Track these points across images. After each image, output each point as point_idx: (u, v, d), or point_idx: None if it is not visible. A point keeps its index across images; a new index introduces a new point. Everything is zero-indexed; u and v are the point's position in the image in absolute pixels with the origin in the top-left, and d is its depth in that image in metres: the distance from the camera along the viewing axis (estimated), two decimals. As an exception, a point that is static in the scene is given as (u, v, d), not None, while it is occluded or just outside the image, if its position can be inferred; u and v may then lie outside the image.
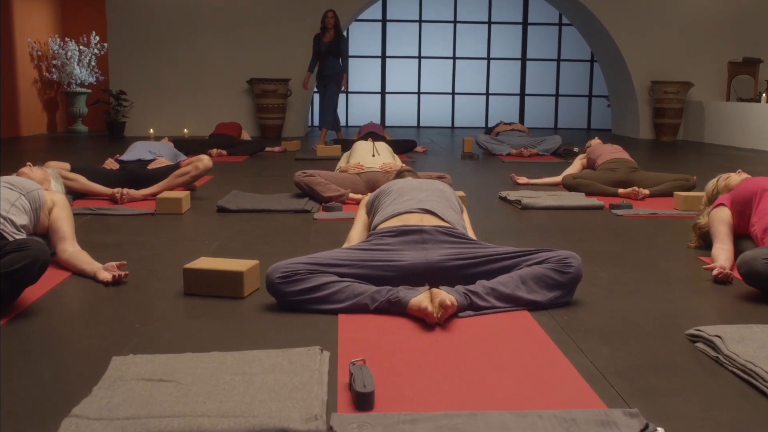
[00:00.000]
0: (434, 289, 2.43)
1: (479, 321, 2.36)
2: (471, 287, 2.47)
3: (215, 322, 2.37)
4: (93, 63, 11.23)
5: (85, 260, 2.93)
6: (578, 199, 4.80)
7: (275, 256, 3.24)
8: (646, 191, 5.03)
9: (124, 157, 5.08)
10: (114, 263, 2.84)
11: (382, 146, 5.28)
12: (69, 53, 10.90)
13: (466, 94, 13.89)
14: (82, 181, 4.68)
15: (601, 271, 3.05)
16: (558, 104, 13.92)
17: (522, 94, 13.92)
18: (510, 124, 8.91)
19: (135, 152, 5.13)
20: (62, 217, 3.04)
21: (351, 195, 4.68)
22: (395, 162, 5.07)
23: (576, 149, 8.16)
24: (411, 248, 2.62)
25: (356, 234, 3.04)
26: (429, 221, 2.74)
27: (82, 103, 11.26)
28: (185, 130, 10.58)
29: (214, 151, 7.65)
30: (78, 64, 11.04)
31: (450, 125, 13.85)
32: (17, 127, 10.26)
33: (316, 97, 13.20)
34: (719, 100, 10.84)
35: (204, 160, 4.77)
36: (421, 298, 2.37)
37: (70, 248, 2.99)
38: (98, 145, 9.55)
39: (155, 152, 5.17)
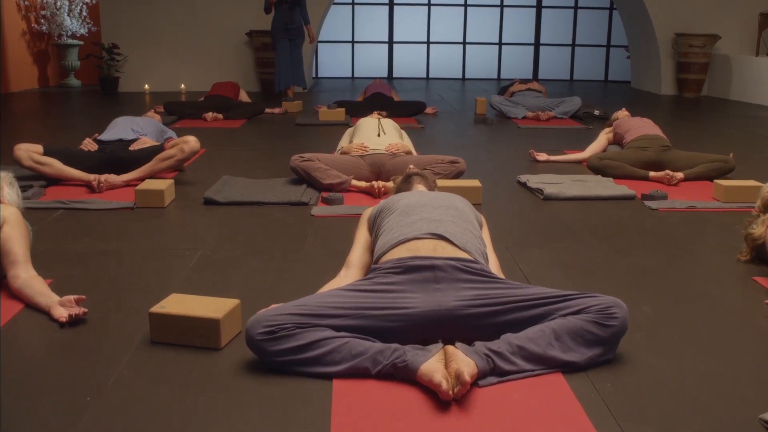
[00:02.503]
0: (449, 349, 2.00)
1: (504, 394, 1.93)
2: (494, 346, 2.03)
3: (182, 393, 1.95)
4: (84, 13, 10.62)
5: (39, 291, 2.50)
6: (606, 186, 4.32)
7: (263, 276, 2.83)
8: (680, 175, 4.55)
9: (103, 137, 4.60)
10: (72, 298, 2.41)
11: (388, 124, 4.79)
12: (58, 3, 10.27)
13: (477, 44, 13.22)
14: (56, 166, 4.23)
15: (644, 301, 2.60)
16: (574, 54, 13.25)
17: (537, 44, 13.25)
18: (526, 82, 8.33)
19: (116, 131, 4.64)
20: (13, 236, 2.60)
21: (353, 182, 4.22)
22: (402, 142, 4.58)
23: (597, 112, 7.64)
24: (421, 289, 2.18)
25: (356, 257, 2.59)
26: (443, 251, 2.29)
27: (74, 56, 10.69)
28: (182, 85, 10.09)
29: (210, 114, 7.15)
30: (68, 15, 10.43)
31: (461, 76, 13.22)
32: (6, 82, 9.73)
33: (323, 50, 12.63)
34: (748, 54, 10.19)
35: (190, 143, 4.30)
36: (434, 366, 1.93)
37: (23, 274, 2.56)
38: (91, 102, 9.06)
39: (138, 130, 4.69)
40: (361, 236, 2.67)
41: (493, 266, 2.50)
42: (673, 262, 3.09)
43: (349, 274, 2.53)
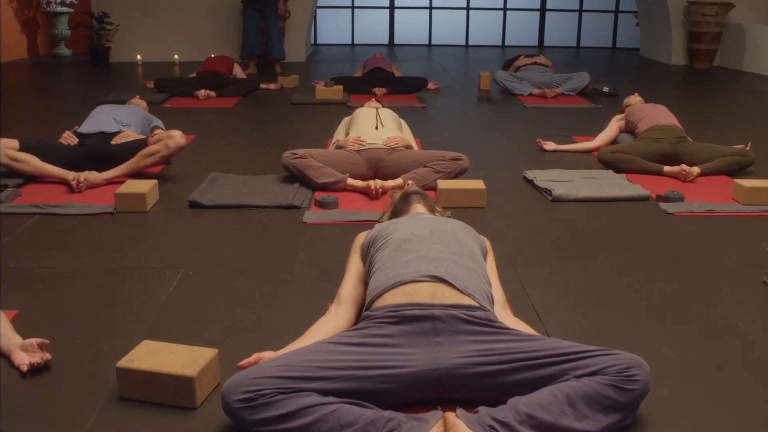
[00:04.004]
0: (449, 419, 1.78)
1: (512, 476, 1.71)
2: (500, 415, 1.80)
3: (149, 473, 1.74)
4: (73, -21, 10.24)
5: (1, 330, 2.27)
6: (619, 185, 4.05)
7: (248, 305, 2.60)
8: (697, 170, 4.28)
9: (83, 129, 4.32)
10: (35, 342, 2.18)
11: (387, 114, 4.51)
12: (46, -32, 9.90)
13: (481, 9, 12.80)
14: (33, 163, 3.98)
15: (664, 338, 2.37)
16: (581, 21, 12.83)
17: (542, 10, 12.82)
18: (532, 56, 7.99)
19: (97, 122, 4.36)
20: (-28, 268, 2.38)
21: (349, 181, 3.96)
22: (402, 135, 4.31)
23: (606, 89, 7.33)
24: (418, 344, 1.95)
25: (348, 291, 2.35)
26: (443, 296, 2.05)
27: (64, 24, 10.32)
28: (175, 55, 9.77)
29: (202, 92, 6.86)
30: (56, -19, 10.06)
31: (464, 44, 12.82)
32: (-6, 52, 9.41)
33: (322, 16, 12.23)
34: (762, 23, 9.80)
35: (175, 138, 4.02)
36: (432, 443, 1.72)
37: (-16, 310, 2.34)
38: (82, 75, 8.76)
39: (121, 120, 4.41)
40: (354, 266, 2.43)
41: (499, 305, 2.27)
42: (693, 284, 2.85)
43: (341, 311, 2.30)
